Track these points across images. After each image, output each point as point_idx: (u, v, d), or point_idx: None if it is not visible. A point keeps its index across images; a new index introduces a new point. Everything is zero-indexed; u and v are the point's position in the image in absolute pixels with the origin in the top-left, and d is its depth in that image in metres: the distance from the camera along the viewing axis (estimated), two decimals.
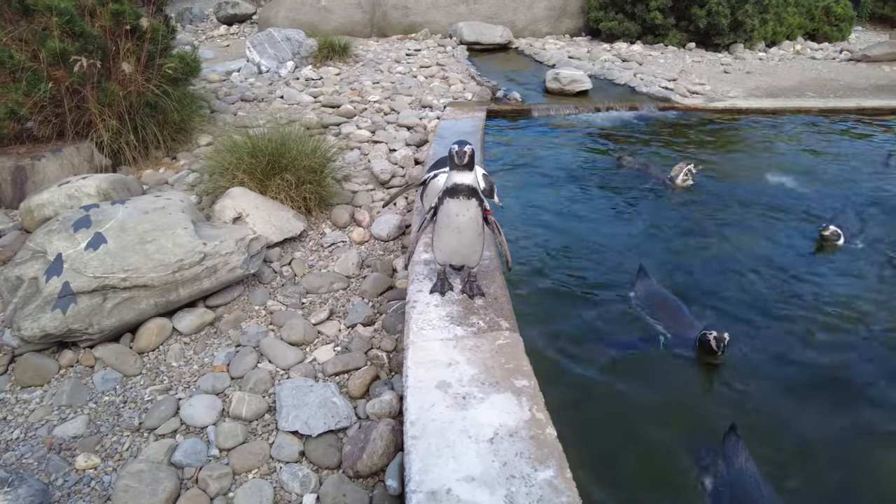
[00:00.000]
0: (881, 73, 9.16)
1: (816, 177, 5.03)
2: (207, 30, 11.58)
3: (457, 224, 2.35)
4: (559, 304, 3.16)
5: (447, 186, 2.32)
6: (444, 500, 1.38)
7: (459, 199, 2.30)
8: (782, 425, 2.40)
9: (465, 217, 2.34)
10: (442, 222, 2.39)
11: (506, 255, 2.57)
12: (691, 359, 2.71)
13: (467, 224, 2.36)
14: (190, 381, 2.53)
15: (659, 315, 3.00)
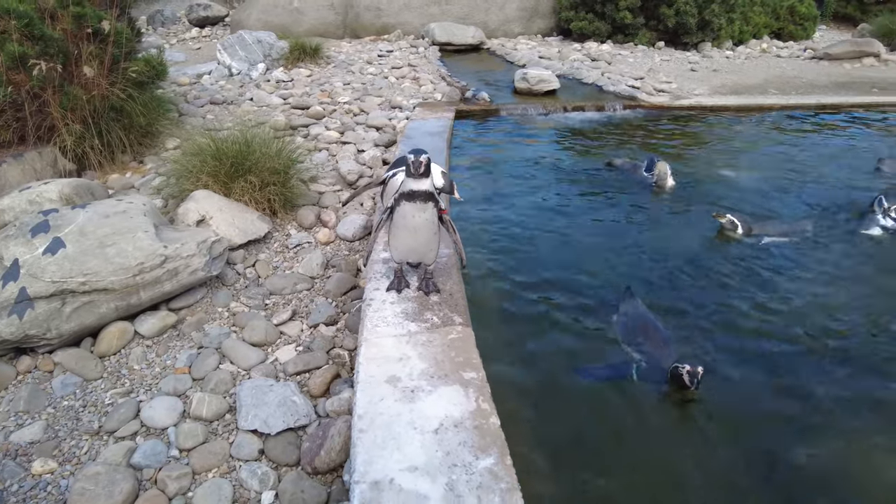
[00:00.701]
0: (842, 71, 9.41)
1: (777, 173, 5.16)
2: (179, 32, 11.49)
3: (413, 224, 2.40)
4: (528, 324, 3.03)
5: (403, 191, 2.36)
6: (386, 489, 1.43)
7: (416, 203, 2.35)
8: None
9: (421, 218, 2.38)
10: (398, 223, 2.43)
11: (460, 253, 2.62)
12: (663, 392, 2.56)
13: (423, 224, 2.41)
14: (152, 384, 2.54)
15: (637, 341, 2.85)
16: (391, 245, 2.54)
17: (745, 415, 2.50)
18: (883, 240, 4.04)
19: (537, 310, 3.14)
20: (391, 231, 2.50)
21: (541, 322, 3.04)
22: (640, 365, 2.70)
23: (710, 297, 3.29)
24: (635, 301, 3.11)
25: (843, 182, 5.00)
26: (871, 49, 10.26)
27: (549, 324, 3.02)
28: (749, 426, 2.44)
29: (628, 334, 2.90)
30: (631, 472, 2.17)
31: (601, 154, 5.48)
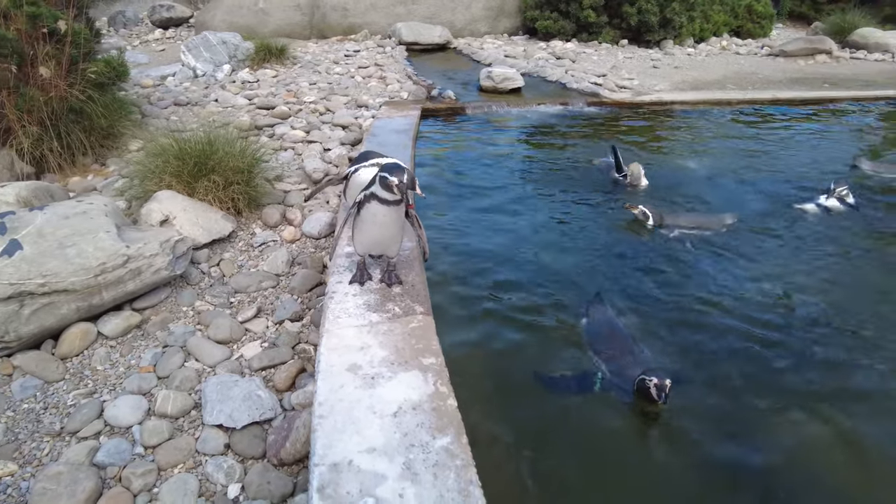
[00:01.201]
0: (796, 67, 9.74)
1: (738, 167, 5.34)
2: (142, 34, 11.28)
3: (381, 221, 2.43)
4: (493, 327, 2.98)
5: (376, 194, 2.36)
6: (345, 470, 1.47)
7: (389, 206, 2.37)
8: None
9: (390, 218, 2.42)
10: (366, 218, 2.45)
11: (424, 246, 2.66)
12: (628, 405, 2.45)
13: (392, 222, 2.45)
14: (116, 384, 2.53)
15: (602, 349, 2.74)
16: (355, 238, 2.56)
17: (703, 412, 2.50)
18: (820, 218, 4.28)
19: (501, 310, 3.10)
20: (356, 225, 2.51)
21: (504, 323, 3.01)
22: (604, 375, 2.58)
23: (665, 293, 3.38)
24: (604, 307, 3.04)
25: (796, 171, 5.21)
26: (823, 46, 10.63)
27: (512, 325, 2.99)
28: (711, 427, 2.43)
29: (594, 341, 2.81)
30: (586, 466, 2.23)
31: (565, 150, 5.59)
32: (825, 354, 2.84)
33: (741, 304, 3.23)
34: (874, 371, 2.73)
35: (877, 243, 4.02)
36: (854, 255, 3.83)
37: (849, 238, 4.05)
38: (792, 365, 2.77)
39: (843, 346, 2.91)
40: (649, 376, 2.35)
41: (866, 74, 9.30)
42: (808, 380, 2.68)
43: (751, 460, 2.24)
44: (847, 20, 12.32)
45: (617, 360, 2.64)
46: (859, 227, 4.20)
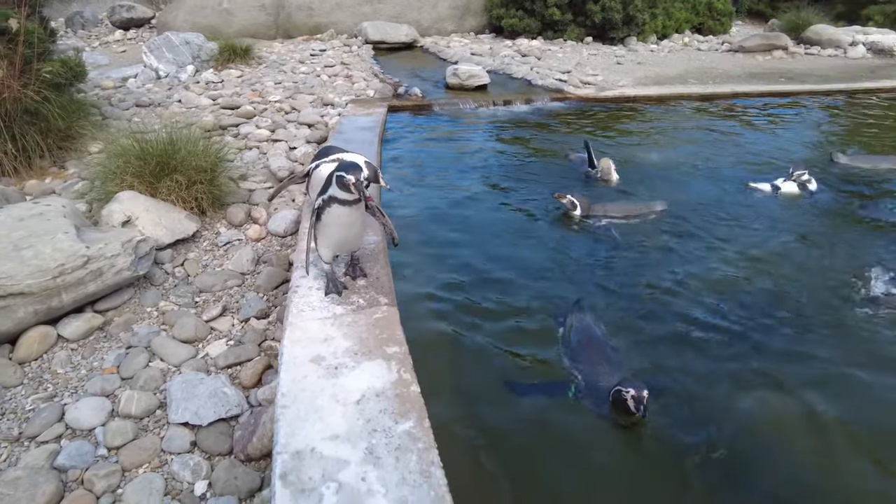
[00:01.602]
0: (754, 62, 10.03)
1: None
2: (101, 35, 11.03)
3: (345, 223, 2.41)
4: (458, 320, 2.96)
5: (335, 197, 2.34)
6: (307, 457, 1.48)
7: (350, 207, 2.35)
8: None
9: (353, 217, 2.41)
10: (329, 222, 2.41)
11: (392, 233, 2.63)
12: (602, 415, 2.36)
13: (356, 220, 2.44)
14: (77, 387, 2.49)
15: (578, 358, 2.64)
16: (320, 244, 2.49)
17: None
18: (772, 200, 4.51)
19: (467, 303, 3.11)
20: (320, 230, 2.46)
21: (468, 315, 3.01)
22: (578, 384, 2.48)
23: (621, 281, 3.44)
24: (584, 315, 2.90)
25: (757, 160, 5.39)
26: (780, 42, 10.96)
27: (477, 317, 2.98)
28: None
29: (571, 350, 2.70)
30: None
31: (532, 145, 5.66)
32: (770, 337, 2.94)
33: (690, 289, 3.34)
34: (817, 351, 2.85)
35: (831, 227, 4.19)
36: (806, 238, 3.99)
37: (804, 220, 4.23)
38: (735, 349, 2.86)
39: (786, 328, 3.02)
40: (626, 387, 2.25)
41: (820, 69, 9.62)
42: (755, 362, 2.76)
43: (715, 443, 2.29)
44: (801, 17, 12.71)
45: (594, 369, 2.53)
46: (817, 211, 4.39)
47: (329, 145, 3.01)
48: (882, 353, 2.83)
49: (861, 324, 3.04)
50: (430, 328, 2.84)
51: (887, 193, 4.73)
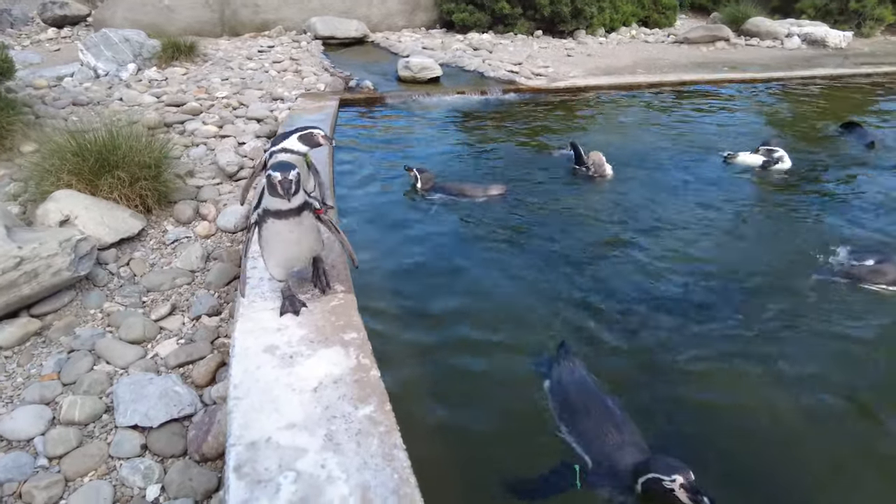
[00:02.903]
0: (699, 53, 10.33)
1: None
2: (32, 34, 10.47)
3: (288, 238, 2.10)
4: (410, 317, 2.77)
5: (269, 209, 2.05)
6: (263, 448, 1.42)
7: (289, 219, 2.05)
8: None
9: (298, 231, 2.10)
10: (272, 239, 2.11)
11: (350, 254, 2.34)
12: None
13: (303, 234, 2.13)
14: (13, 395, 2.33)
15: (578, 427, 2.10)
16: (269, 262, 2.19)
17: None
18: (741, 172, 4.84)
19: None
20: (265, 247, 2.16)
21: (424, 314, 2.90)
22: (585, 465, 1.98)
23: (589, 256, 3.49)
24: (572, 363, 2.39)
25: (704, 141, 5.58)
26: (722, 34, 11.33)
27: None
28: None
29: (567, 415, 2.17)
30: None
31: (486, 135, 5.65)
32: (726, 310, 3.03)
33: (652, 263, 3.43)
34: (774, 321, 2.93)
35: (798, 202, 4.42)
36: (770, 211, 4.23)
37: (769, 195, 4.51)
38: (688, 323, 2.92)
39: (742, 300, 3.12)
40: (665, 472, 1.74)
41: (761, 59, 9.98)
42: (710, 337, 2.83)
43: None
44: (741, 10, 13.16)
45: (602, 442, 1.98)
46: (785, 186, 4.65)
47: (284, 131, 2.88)
48: (839, 322, 2.92)
49: (819, 295, 3.14)
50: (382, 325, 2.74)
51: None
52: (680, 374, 2.57)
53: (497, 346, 2.71)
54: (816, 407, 2.40)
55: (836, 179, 4.86)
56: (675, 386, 2.49)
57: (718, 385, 2.52)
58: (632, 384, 2.49)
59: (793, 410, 2.39)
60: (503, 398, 2.40)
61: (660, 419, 2.32)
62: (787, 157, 4.82)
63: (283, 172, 1.96)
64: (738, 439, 2.24)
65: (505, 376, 2.53)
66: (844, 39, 11.61)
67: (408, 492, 1.28)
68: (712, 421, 2.33)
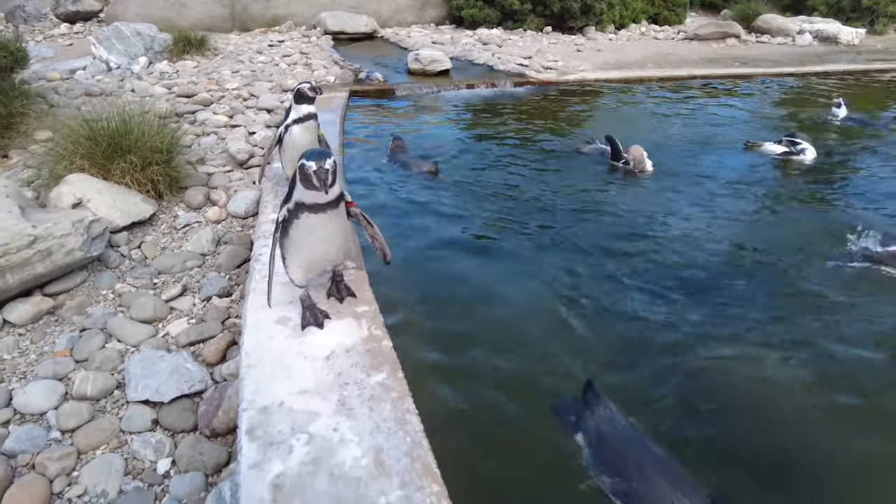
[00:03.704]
0: (709, 49, 10.28)
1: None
2: (46, 29, 10.58)
3: (320, 236, 1.89)
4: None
5: (304, 202, 1.82)
6: (275, 412, 1.42)
7: (326, 213, 1.83)
8: None
9: (332, 227, 1.88)
10: (300, 238, 1.88)
11: (382, 247, 2.14)
12: None
13: (335, 231, 1.91)
14: (26, 371, 2.35)
15: (629, 489, 1.80)
16: (290, 264, 1.94)
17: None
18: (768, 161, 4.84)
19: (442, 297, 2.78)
20: (290, 247, 1.91)
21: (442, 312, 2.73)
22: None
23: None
24: (606, 406, 2.05)
25: (717, 133, 5.54)
26: (732, 31, 11.28)
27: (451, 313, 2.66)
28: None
29: (610, 473, 1.86)
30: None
31: (497, 127, 5.63)
32: (751, 295, 3.00)
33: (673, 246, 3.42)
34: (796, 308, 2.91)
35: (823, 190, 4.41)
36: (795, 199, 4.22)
37: (793, 182, 4.51)
38: (710, 306, 2.90)
39: (766, 286, 3.09)
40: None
41: (772, 55, 9.92)
42: (735, 320, 2.79)
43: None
44: (752, 7, 13.10)
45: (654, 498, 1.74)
46: (810, 175, 4.64)
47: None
48: (862, 310, 2.89)
49: (841, 281, 3.11)
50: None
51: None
52: (700, 367, 2.51)
53: (515, 377, 2.35)
54: (842, 401, 2.34)
55: (857, 170, 4.84)
56: (697, 379, 2.43)
57: (744, 380, 2.46)
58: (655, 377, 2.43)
59: (823, 407, 2.32)
60: (524, 448, 2.02)
61: (690, 417, 2.25)
62: (812, 149, 4.81)
63: (319, 161, 1.72)
64: (760, 431, 2.19)
65: (524, 421, 2.14)
66: (857, 36, 11.52)
67: (420, 454, 1.28)
68: (737, 416, 2.28)
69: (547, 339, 2.61)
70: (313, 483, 1.21)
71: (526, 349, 2.54)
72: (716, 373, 2.47)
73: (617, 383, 2.31)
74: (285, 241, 1.90)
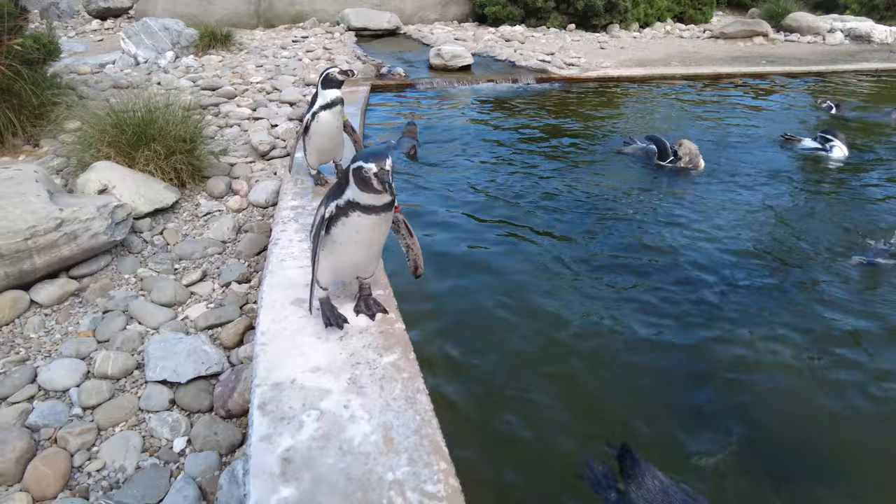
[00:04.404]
0: (735, 47, 10.11)
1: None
2: (78, 25, 10.85)
3: (365, 239, 1.77)
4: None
5: (361, 203, 1.68)
6: (287, 388, 1.43)
7: (379, 215, 1.71)
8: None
9: (378, 230, 1.78)
10: (340, 238, 1.76)
11: (416, 259, 1.99)
12: None
13: (379, 236, 1.81)
14: (51, 350, 2.41)
15: None
16: (322, 265, 1.83)
17: None
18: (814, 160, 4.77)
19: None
20: (329, 246, 1.81)
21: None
22: None
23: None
24: (648, 469, 1.79)
25: (747, 130, 5.45)
26: (760, 29, 11.07)
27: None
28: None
29: None
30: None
31: (516, 121, 5.61)
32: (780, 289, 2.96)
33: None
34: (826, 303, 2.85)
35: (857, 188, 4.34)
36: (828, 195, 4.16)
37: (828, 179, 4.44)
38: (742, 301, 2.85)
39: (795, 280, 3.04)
40: None
41: (801, 53, 9.72)
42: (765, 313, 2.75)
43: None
44: (781, 6, 12.85)
45: None
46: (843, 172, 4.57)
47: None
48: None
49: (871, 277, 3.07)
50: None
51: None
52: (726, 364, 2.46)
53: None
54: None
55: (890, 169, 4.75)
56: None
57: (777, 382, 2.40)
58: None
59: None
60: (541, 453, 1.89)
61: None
62: (842, 147, 4.73)
63: (378, 161, 1.57)
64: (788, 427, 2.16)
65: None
66: (891, 34, 11.23)
67: (429, 432, 1.28)
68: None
69: (589, 355, 2.42)
70: (322, 457, 1.22)
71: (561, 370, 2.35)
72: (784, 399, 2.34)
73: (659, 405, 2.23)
74: (326, 239, 1.79)
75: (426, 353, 1.90)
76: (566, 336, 2.48)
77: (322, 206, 1.78)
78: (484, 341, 2.38)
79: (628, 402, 2.22)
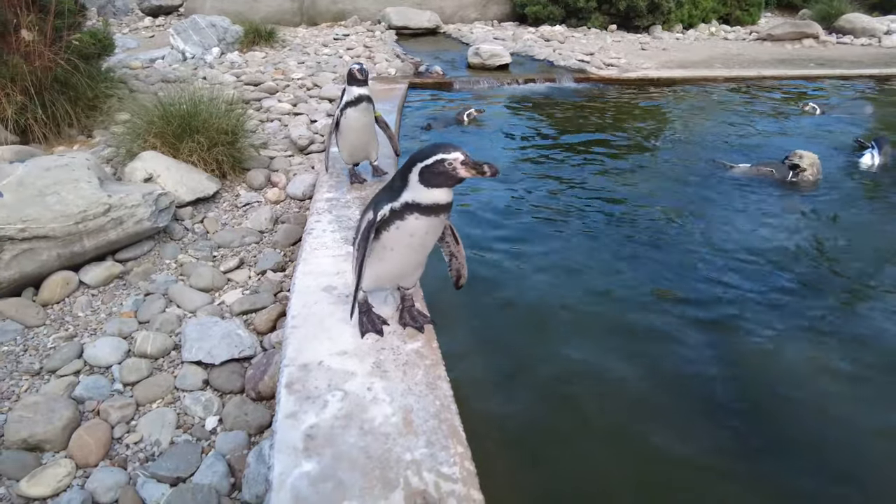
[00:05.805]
0: (783, 50, 9.81)
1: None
2: (132, 22, 11.28)
3: (418, 243, 1.69)
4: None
5: (422, 203, 1.59)
6: (314, 369, 1.49)
7: (439, 216, 1.62)
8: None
9: (432, 235, 1.70)
10: (390, 242, 1.68)
11: (460, 269, 1.90)
12: None
13: (431, 241, 1.73)
14: (96, 328, 2.54)
15: None
16: (368, 269, 1.74)
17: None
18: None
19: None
20: (380, 251, 1.72)
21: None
22: None
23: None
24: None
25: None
26: (810, 31, 10.70)
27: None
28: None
29: None
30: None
31: (555, 122, 5.57)
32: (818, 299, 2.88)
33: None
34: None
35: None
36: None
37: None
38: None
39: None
40: None
41: (853, 56, 9.37)
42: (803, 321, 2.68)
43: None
44: (834, 6, 12.41)
45: None
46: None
47: (347, 86, 2.96)
48: None
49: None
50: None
51: None
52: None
53: None
54: None
55: None
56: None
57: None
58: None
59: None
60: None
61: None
62: (875, 155, 4.54)
63: (455, 150, 1.50)
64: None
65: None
66: None
67: (448, 416, 1.32)
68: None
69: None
70: (344, 435, 1.27)
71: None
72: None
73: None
74: (374, 244, 1.69)
75: (450, 344, 1.87)
76: (599, 332, 2.50)
77: (369, 211, 1.69)
78: (510, 337, 2.41)
79: (653, 401, 2.21)
